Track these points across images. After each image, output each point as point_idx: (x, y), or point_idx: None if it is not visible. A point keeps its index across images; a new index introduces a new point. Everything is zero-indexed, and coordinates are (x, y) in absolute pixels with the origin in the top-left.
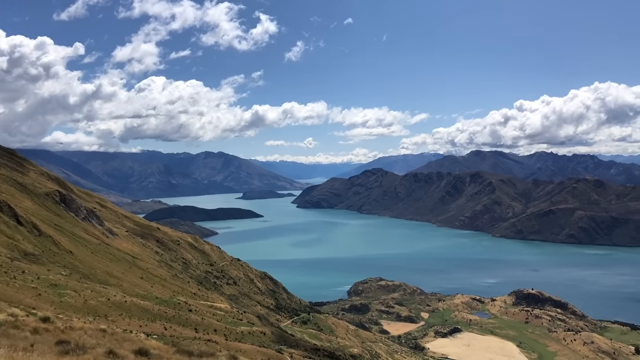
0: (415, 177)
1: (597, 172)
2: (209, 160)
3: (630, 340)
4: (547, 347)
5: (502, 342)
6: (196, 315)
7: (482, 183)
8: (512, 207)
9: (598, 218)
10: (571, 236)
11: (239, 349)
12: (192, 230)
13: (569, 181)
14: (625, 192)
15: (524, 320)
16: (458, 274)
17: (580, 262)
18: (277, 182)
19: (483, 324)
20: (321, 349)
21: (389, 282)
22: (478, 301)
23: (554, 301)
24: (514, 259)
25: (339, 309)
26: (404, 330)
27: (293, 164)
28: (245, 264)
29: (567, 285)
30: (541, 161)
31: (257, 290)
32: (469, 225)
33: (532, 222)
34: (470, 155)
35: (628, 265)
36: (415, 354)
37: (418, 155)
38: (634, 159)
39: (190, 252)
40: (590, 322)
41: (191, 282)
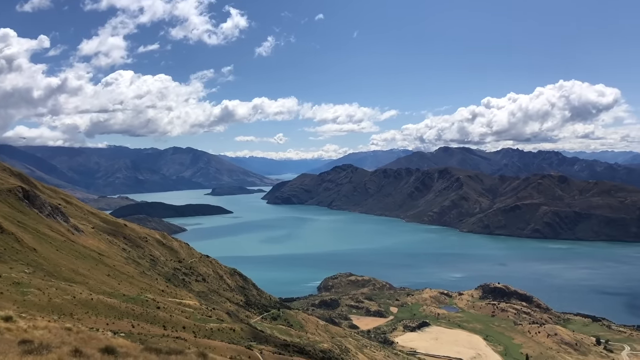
0: (385, 173)
1: (561, 168)
2: (177, 155)
3: (592, 331)
4: (513, 340)
5: (469, 335)
6: (164, 313)
7: (450, 179)
8: (479, 202)
9: (562, 213)
10: (536, 231)
11: (208, 345)
12: (160, 227)
13: (534, 177)
14: (588, 187)
15: (491, 313)
16: (426, 268)
17: (544, 256)
18: (246, 178)
19: (451, 318)
20: (291, 345)
21: (358, 277)
22: (446, 295)
23: (520, 295)
24: (481, 254)
25: (309, 304)
26: (373, 325)
27: (263, 159)
28: (215, 261)
29: (531, 279)
30: (507, 157)
31: (227, 287)
32: (437, 220)
33: (498, 217)
34: (438, 151)
35: (589, 259)
36: (384, 348)
37: (387, 152)
38: (596, 156)
39: (159, 249)
40: (554, 314)
41: (159, 279)
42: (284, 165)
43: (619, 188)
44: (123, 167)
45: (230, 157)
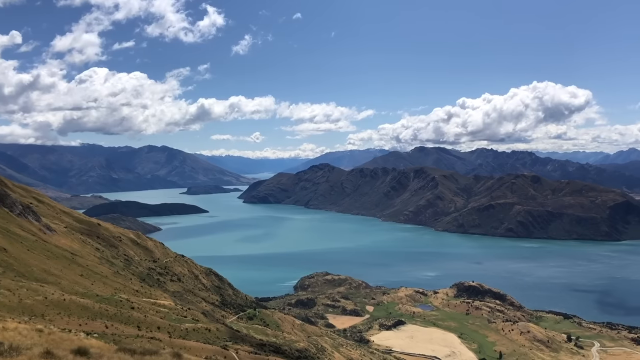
0: (362, 172)
1: (534, 168)
2: (152, 154)
3: (563, 328)
4: (487, 338)
5: (444, 333)
6: (139, 313)
7: (426, 178)
8: (454, 201)
9: (535, 212)
10: (510, 230)
11: (183, 345)
12: (134, 226)
13: (508, 177)
14: (560, 187)
15: (465, 311)
16: (401, 267)
17: (517, 254)
18: (223, 177)
19: (426, 316)
20: (267, 344)
21: (335, 276)
22: (421, 294)
23: (494, 293)
24: (456, 252)
25: (285, 304)
26: (349, 324)
27: (239, 158)
28: (190, 260)
29: (505, 278)
30: (482, 157)
31: (202, 287)
32: (412, 219)
33: (473, 217)
34: (414, 151)
35: (561, 258)
36: (360, 347)
37: (364, 151)
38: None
39: (133, 248)
40: (527, 312)
41: (133, 279)
42: (261, 164)
43: (590, 188)
44: (97, 165)
45: (206, 156)
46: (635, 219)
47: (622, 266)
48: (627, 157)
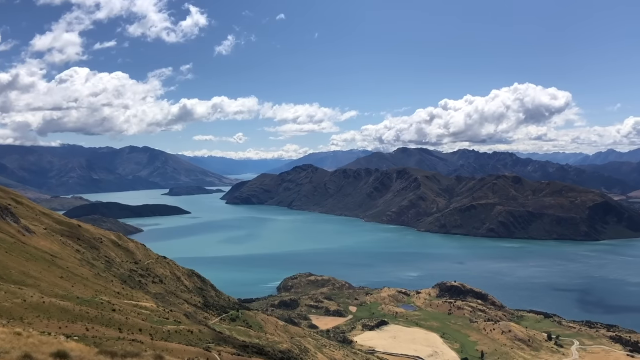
0: (345, 173)
1: (515, 169)
2: (134, 155)
3: (544, 327)
4: (469, 337)
5: (426, 333)
6: (120, 315)
7: (408, 179)
8: (436, 202)
9: (516, 213)
10: (491, 230)
11: (165, 348)
12: (115, 228)
13: (489, 177)
14: (541, 188)
15: (447, 311)
16: (384, 267)
17: (498, 254)
18: (205, 177)
19: (408, 316)
20: (250, 346)
21: (318, 277)
22: (404, 294)
23: (475, 293)
24: (438, 253)
25: (268, 305)
26: (332, 325)
27: (222, 159)
28: (172, 262)
29: (486, 277)
30: (464, 158)
31: (184, 288)
32: (395, 220)
33: (454, 217)
34: (397, 152)
35: (541, 258)
36: (343, 347)
37: (347, 152)
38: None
39: (114, 250)
40: (508, 311)
41: (114, 280)
42: (244, 165)
43: (570, 188)
44: (77, 166)
45: (188, 157)
46: (614, 219)
47: (601, 266)
48: (605, 158)
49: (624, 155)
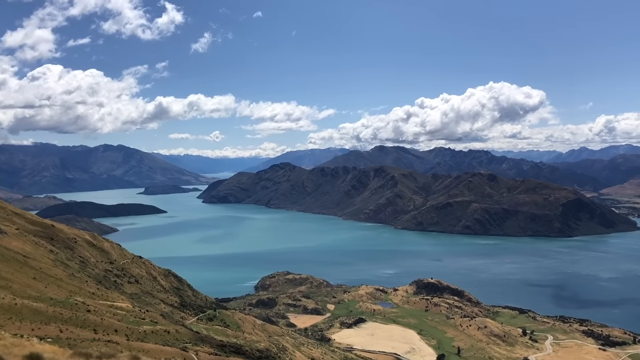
0: (322, 171)
1: (490, 166)
2: (109, 153)
3: (519, 323)
4: (446, 334)
5: (404, 330)
6: (95, 316)
7: (386, 177)
8: (413, 200)
9: (491, 210)
10: (467, 227)
11: (141, 348)
12: (90, 227)
13: (465, 175)
14: (515, 185)
15: (424, 308)
16: (362, 265)
17: (473, 251)
18: (181, 176)
19: (386, 314)
20: (228, 345)
21: (296, 275)
22: (381, 291)
23: (452, 289)
24: (415, 250)
25: (246, 304)
26: (310, 323)
27: (198, 157)
28: (148, 262)
29: (462, 274)
30: (440, 156)
31: (161, 288)
32: (373, 217)
33: (431, 214)
34: (374, 150)
35: (515, 254)
36: (321, 345)
37: (325, 150)
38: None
39: (89, 250)
40: (484, 308)
41: (89, 281)
42: (221, 163)
43: (544, 186)
44: (50, 165)
45: (164, 155)
46: (586, 215)
47: (573, 262)
48: (578, 156)
49: (596, 153)
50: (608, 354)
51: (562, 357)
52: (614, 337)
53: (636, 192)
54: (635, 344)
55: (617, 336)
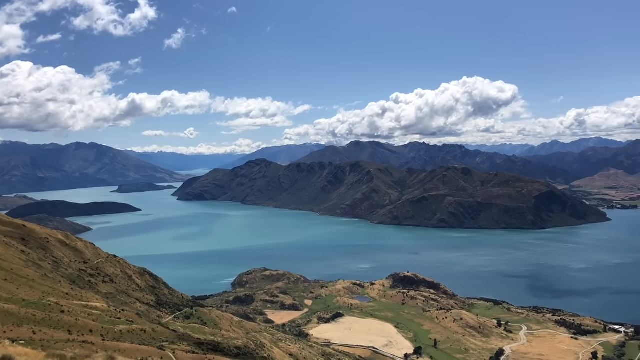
0: (299, 167)
1: (464, 160)
2: (81, 151)
3: (493, 314)
4: (422, 326)
5: (381, 324)
6: (69, 317)
7: (362, 172)
8: (389, 194)
9: (465, 203)
10: (442, 221)
11: (117, 348)
12: (63, 227)
13: (439, 169)
14: (489, 179)
15: (401, 301)
16: (339, 260)
17: (448, 245)
18: (155, 174)
19: (363, 308)
20: (205, 343)
21: (273, 271)
22: (358, 286)
23: (428, 282)
24: (391, 244)
25: (223, 301)
26: (288, 319)
27: (173, 154)
28: (123, 261)
29: (437, 267)
30: (415, 151)
31: (136, 287)
32: (349, 213)
33: (407, 209)
34: (350, 145)
35: (489, 247)
36: (299, 341)
37: (301, 146)
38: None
39: (62, 249)
40: (460, 300)
41: (63, 281)
42: (195, 160)
43: (517, 179)
44: (21, 164)
45: (137, 153)
46: (558, 208)
47: (545, 253)
48: (550, 149)
49: (567, 146)
50: (580, 342)
51: (536, 346)
52: (585, 326)
53: (606, 184)
54: (606, 332)
55: (588, 325)
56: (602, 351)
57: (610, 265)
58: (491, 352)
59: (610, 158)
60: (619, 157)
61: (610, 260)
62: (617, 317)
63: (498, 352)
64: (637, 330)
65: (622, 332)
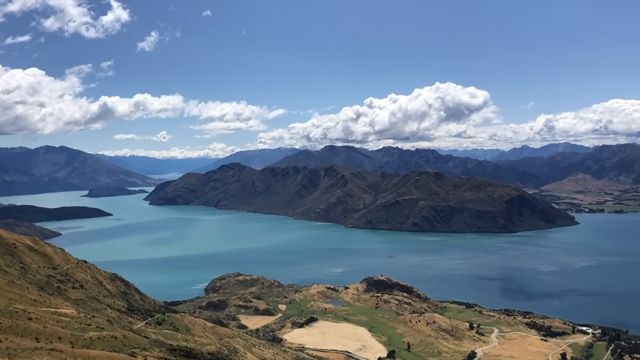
0: (273, 171)
1: (437, 165)
2: (50, 155)
3: (466, 317)
4: (396, 330)
5: (355, 328)
6: (37, 324)
7: (336, 177)
8: (362, 198)
9: (438, 207)
10: (415, 224)
11: (87, 355)
12: (31, 232)
13: (412, 174)
14: (461, 183)
15: (375, 305)
16: (313, 264)
17: (421, 248)
18: (127, 178)
19: (337, 312)
20: (177, 349)
21: (247, 276)
22: (332, 290)
23: (401, 286)
24: (365, 248)
25: (196, 307)
26: (262, 324)
27: (145, 158)
28: (94, 266)
29: (410, 271)
30: (388, 155)
31: (107, 293)
32: (323, 217)
33: (380, 213)
34: (324, 150)
35: (461, 250)
36: (272, 346)
37: (275, 150)
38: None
39: (30, 255)
40: (433, 303)
41: (31, 288)
42: (168, 164)
43: (488, 183)
44: None
45: (109, 157)
46: (528, 211)
47: (516, 256)
48: (520, 154)
49: (537, 151)
50: (549, 344)
51: (507, 349)
52: (554, 328)
53: (574, 188)
54: (574, 333)
55: (557, 327)
56: (571, 352)
57: (577, 268)
58: (463, 354)
59: (578, 163)
60: (587, 162)
61: (578, 263)
62: (585, 319)
63: (470, 354)
64: (604, 332)
65: (589, 333)
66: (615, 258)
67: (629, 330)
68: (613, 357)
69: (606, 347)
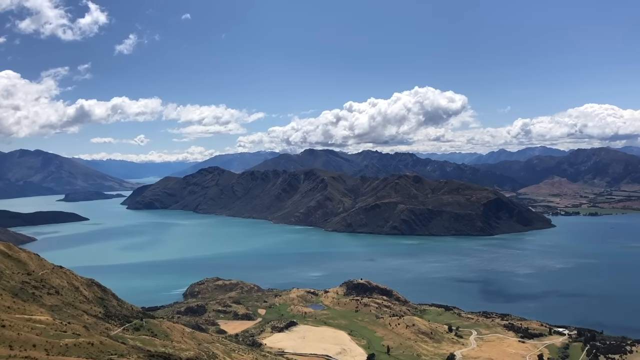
0: (252, 175)
1: (415, 168)
2: (25, 159)
3: (445, 320)
4: (375, 333)
5: (335, 331)
6: (11, 331)
7: (315, 180)
8: (342, 202)
9: (417, 210)
10: (394, 228)
11: None
12: (4, 237)
13: (391, 177)
14: (440, 186)
15: (354, 309)
16: (293, 268)
17: (400, 251)
18: (104, 182)
19: (317, 316)
20: (156, 355)
21: (226, 281)
22: (312, 294)
23: (381, 289)
24: (344, 252)
25: (174, 312)
26: (241, 329)
27: (122, 162)
28: (69, 272)
29: (390, 274)
30: (368, 159)
31: (84, 299)
32: (303, 220)
33: (360, 216)
34: (304, 153)
35: (439, 253)
36: (252, 350)
37: (255, 154)
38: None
39: (3, 261)
40: (412, 306)
41: (4, 294)
42: (146, 168)
43: (466, 186)
44: None
45: (85, 160)
46: (505, 214)
47: (493, 259)
48: (497, 158)
49: (514, 155)
50: (527, 345)
51: (486, 350)
52: (532, 330)
53: (550, 192)
54: (551, 334)
55: (534, 328)
56: (548, 353)
57: (553, 270)
58: (442, 357)
59: (554, 166)
60: (562, 166)
61: (554, 265)
62: (562, 320)
63: (449, 357)
64: (579, 332)
65: (566, 334)
66: (591, 260)
67: (604, 331)
68: (588, 357)
69: (582, 348)
